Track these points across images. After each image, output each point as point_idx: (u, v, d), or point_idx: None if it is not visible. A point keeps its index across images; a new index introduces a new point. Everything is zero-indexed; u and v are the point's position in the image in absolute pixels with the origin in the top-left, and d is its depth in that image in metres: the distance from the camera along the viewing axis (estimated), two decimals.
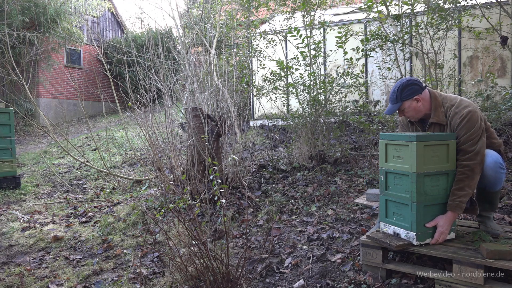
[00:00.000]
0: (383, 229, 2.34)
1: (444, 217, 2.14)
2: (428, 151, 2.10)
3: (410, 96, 2.28)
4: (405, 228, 2.18)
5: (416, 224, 2.11)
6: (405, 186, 2.16)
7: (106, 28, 17.20)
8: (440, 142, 2.14)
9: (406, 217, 2.17)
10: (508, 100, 4.22)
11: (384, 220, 2.33)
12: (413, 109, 2.31)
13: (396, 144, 2.22)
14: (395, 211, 2.25)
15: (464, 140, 2.17)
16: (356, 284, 2.27)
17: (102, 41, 15.52)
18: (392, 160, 2.26)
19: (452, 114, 2.23)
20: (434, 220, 2.15)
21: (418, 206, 2.11)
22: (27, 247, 3.53)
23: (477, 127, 2.15)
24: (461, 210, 2.14)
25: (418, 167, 2.08)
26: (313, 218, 3.33)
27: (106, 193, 5.18)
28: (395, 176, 2.25)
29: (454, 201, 2.13)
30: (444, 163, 2.16)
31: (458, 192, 2.13)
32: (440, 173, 2.15)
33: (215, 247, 2.89)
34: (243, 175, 4.38)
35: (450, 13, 4.28)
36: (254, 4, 5.81)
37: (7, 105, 6.70)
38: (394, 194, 2.25)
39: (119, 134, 9.19)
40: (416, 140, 2.07)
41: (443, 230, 2.13)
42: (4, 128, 5.66)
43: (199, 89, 4.42)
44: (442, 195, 2.17)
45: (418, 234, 2.12)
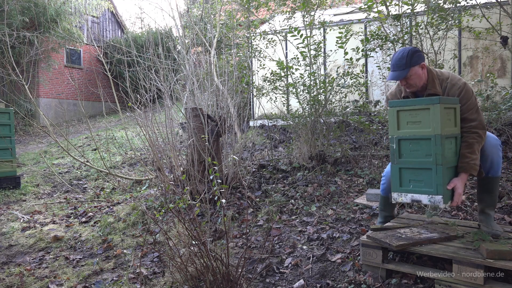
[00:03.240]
0: (397, 199, 2.26)
1: (459, 179, 2.15)
2: (445, 114, 2.11)
3: (418, 62, 2.27)
4: (427, 193, 2.13)
5: (443, 188, 2.09)
6: (426, 150, 2.13)
7: (106, 28, 17.20)
8: (452, 105, 2.18)
9: (428, 182, 2.13)
10: (508, 100, 4.22)
11: (398, 190, 2.25)
12: (418, 76, 2.29)
13: (412, 110, 2.18)
14: (413, 178, 2.20)
15: (465, 109, 2.24)
16: (356, 284, 2.27)
17: (102, 41, 15.52)
18: (406, 127, 2.21)
19: (449, 86, 2.29)
20: (451, 182, 2.14)
21: (441, 169, 2.08)
22: (27, 247, 3.53)
23: (473, 97, 2.25)
24: (476, 171, 2.16)
25: (442, 129, 2.07)
26: (313, 218, 3.33)
27: (106, 193, 5.18)
28: (411, 142, 2.20)
29: (468, 163, 2.15)
30: (453, 126, 2.19)
31: (470, 155, 2.16)
32: (452, 136, 2.18)
33: (215, 247, 2.89)
34: (243, 175, 4.38)
35: (450, 13, 4.28)
36: (254, 4, 5.81)
37: (7, 105, 6.70)
38: (411, 161, 2.20)
39: (119, 134, 9.19)
40: (440, 102, 2.06)
41: (460, 192, 2.13)
42: (4, 128, 5.66)
43: (199, 89, 4.42)
44: (453, 158, 2.19)
45: (444, 197, 2.09)
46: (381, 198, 2.72)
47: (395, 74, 2.29)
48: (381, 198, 2.72)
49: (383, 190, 2.66)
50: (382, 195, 2.69)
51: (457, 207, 3.20)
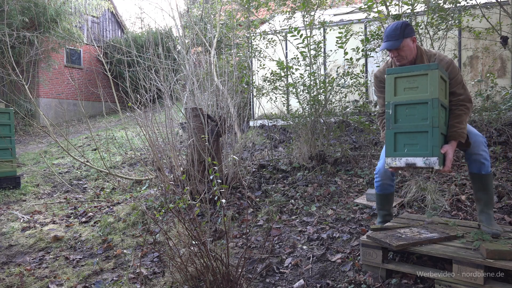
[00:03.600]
0: (391, 164, 2.28)
1: (450, 146, 2.22)
2: (441, 83, 2.20)
3: (410, 34, 2.35)
4: (423, 156, 2.18)
5: (438, 149, 2.15)
6: (422, 114, 2.19)
7: (106, 28, 17.20)
8: (445, 77, 2.26)
9: (424, 144, 2.18)
10: (508, 100, 4.22)
11: (392, 155, 2.28)
12: (410, 48, 2.37)
13: (409, 76, 2.23)
14: (408, 142, 2.24)
15: (453, 83, 2.34)
16: (356, 284, 2.27)
17: (102, 41, 15.52)
18: (403, 93, 2.26)
19: (437, 61, 2.36)
20: (443, 147, 2.21)
21: (437, 131, 2.15)
22: (27, 247, 3.53)
23: (460, 74, 2.35)
24: (464, 139, 2.25)
25: (439, 94, 2.15)
26: (313, 218, 3.33)
27: (106, 193, 5.18)
28: (407, 107, 2.25)
29: (457, 131, 2.25)
30: (445, 98, 2.28)
31: (459, 125, 2.27)
32: (444, 106, 2.26)
33: (215, 247, 2.89)
34: (243, 175, 4.38)
35: (450, 13, 4.28)
36: (254, 4, 5.81)
37: (7, 105, 6.70)
38: (406, 125, 2.24)
39: (119, 134, 9.19)
40: (438, 68, 2.14)
41: (451, 158, 2.20)
42: (4, 128, 5.66)
43: (199, 89, 4.42)
44: (444, 127, 2.27)
45: (439, 159, 2.14)
46: (377, 196, 2.72)
47: (390, 44, 2.35)
48: (377, 196, 2.72)
49: (377, 187, 2.67)
50: (378, 192, 2.69)
51: (457, 207, 3.20)
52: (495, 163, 3.95)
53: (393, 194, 2.70)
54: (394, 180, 2.67)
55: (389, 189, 2.65)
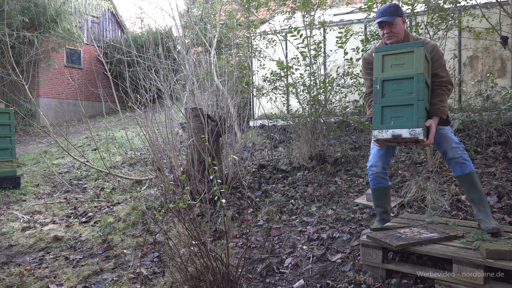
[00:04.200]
0: (378, 136, 2.38)
1: (432, 121, 2.36)
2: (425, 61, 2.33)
3: (402, 15, 2.52)
4: (408, 127, 2.28)
5: (422, 120, 2.25)
6: (408, 89, 2.31)
7: (106, 28, 17.20)
8: (428, 57, 2.40)
9: (410, 117, 2.29)
10: (508, 100, 4.22)
11: (379, 127, 2.39)
12: (400, 27, 2.51)
13: (397, 53, 2.37)
14: (394, 115, 2.36)
15: (437, 65, 2.46)
16: (356, 284, 2.27)
17: (102, 41, 15.52)
18: (390, 69, 2.39)
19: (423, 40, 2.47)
20: (427, 121, 2.34)
21: (421, 104, 2.26)
22: (27, 247, 3.53)
23: (443, 58, 2.48)
24: (445, 115, 2.40)
25: (423, 70, 2.28)
26: (313, 218, 3.33)
27: (106, 193, 5.18)
28: (394, 82, 2.37)
29: (439, 108, 2.40)
30: (428, 77, 2.40)
31: (441, 102, 2.41)
32: (427, 84, 2.39)
33: (215, 247, 2.89)
34: (243, 175, 4.38)
35: (450, 13, 4.28)
36: (254, 4, 5.81)
37: (7, 105, 6.70)
38: (393, 99, 2.36)
39: (119, 134, 9.19)
40: (423, 45, 2.29)
41: (434, 131, 2.33)
42: (4, 128, 5.66)
43: (199, 89, 4.42)
44: (427, 103, 2.40)
45: (424, 129, 2.25)
46: (372, 191, 2.72)
47: (384, 18, 2.48)
48: (372, 191, 2.72)
49: (371, 181, 2.68)
50: (372, 187, 2.70)
51: (457, 207, 3.20)
52: (495, 163, 3.95)
53: (388, 189, 2.70)
54: (387, 174, 2.69)
55: (383, 183, 2.66)
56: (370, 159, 2.68)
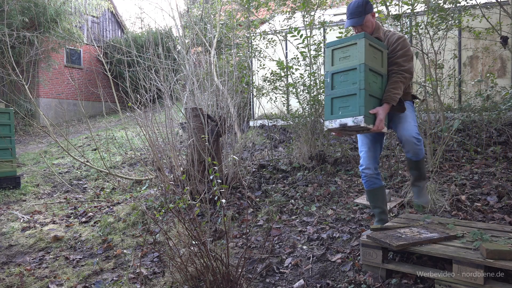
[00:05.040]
0: (328, 126, 2.48)
1: (382, 108, 2.40)
2: (371, 51, 2.39)
3: (370, 10, 2.56)
4: (352, 116, 2.38)
5: (364, 108, 2.33)
6: (353, 79, 2.39)
7: (106, 28, 17.20)
8: (378, 47, 2.45)
9: (354, 106, 2.38)
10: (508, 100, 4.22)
11: (329, 118, 2.49)
12: (371, 23, 2.58)
13: (343, 47, 2.45)
14: (341, 106, 2.45)
15: (400, 55, 2.49)
16: (356, 284, 2.27)
17: (102, 41, 15.51)
18: (338, 62, 2.48)
19: (390, 35, 2.58)
20: (375, 109, 2.39)
21: (365, 93, 2.34)
22: (27, 247, 3.53)
23: (409, 49, 2.52)
24: (395, 102, 2.42)
25: (366, 59, 2.34)
26: (313, 218, 3.33)
27: (106, 193, 5.18)
28: (341, 74, 2.46)
29: (390, 95, 2.42)
30: (380, 66, 2.46)
31: (393, 90, 2.44)
32: (378, 73, 2.44)
33: (215, 247, 2.89)
34: (243, 175, 4.38)
35: (450, 13, 4.28)
36: (254, 4, 5.81)
37: (7, 105, 6.70)
38: (340, 90, 2.45)
39: (119, 134, 9.19)
40: (364, 37, 2.34)
41: (382, 118, 2.37)
42: (4, 128, 5.66)
43: (199, 89, 4.42)
44: (379, 92, 2.45)
45: (365, 117, 2.32)
46: (367, 193, 2.73)
47: (354, 21, 2.56)
48: (367, 193, 2.73)
49: (365, 183, 2.70)
50: (366, 189, 2.71)
51: (457, 207, 3.20)
52: (495, 163, 3.95)
53: (383, 188, 2.71)
54: (379, 174, 2.72)
55: (377, 183, 2.67)
56: (362, 161, 2.71)
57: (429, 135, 4.17)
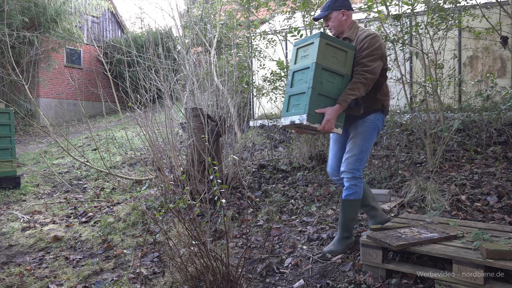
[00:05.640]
0: (282, 123, 2.51)
1: (332, 108, 2.37)
2: (329, 50, 2.38)
3: (339, 8, 2.59)
4: (299, 114, 2.39)
5: (309, 107, 2.33)
6: (306, 78, 2.41)
7: (106, 28, 17.20)
8: (340, 47, 2.42)
9: (302, 104, 2.39)
10: (508, 100, 4.22)
11: (284, 115, 2.51)
12: (338, 20, 2.60)
13: (304, 46, 2.48)
14: (295, 103, 2.47)
15: (365, 54, 2.43)
16: (356, 284, 2.27)
17: (102, 41, 15.52)
18: (300, 61, 2.51)
19: (360, 34, 2.54)
20: (324, 109, 2.36)
21: (312, 92, 2.34)
22: (27, 247, 3.53)
23: (378, 47, 2.43)
24: (346, 104, 2.37)
25: (318, 59, 2.35)
26: (313, 218, 3.33)
27: (106, 193, 5.18)
28: (299, 73, 2.48)
29: (343, 96, 2.39)
30: (342, 66, 2.43)
31: (349, 91, 2.39)
32: (336, 73, 2.42)
33: (215, 247, 2.89)
34: (243, 175, 4.38)
35: (450, 13, 4.28)
36: (254, 4, 5.81)
37: (7, 105, 6.70)
38: (296, 88, 2.47)
39: (119, 134, 9.19)
40: (320, 36, 2.36)
41: (329, 118, 2.35)
42: (4, 128, 5.66)
43: (199, 89, 4.42)
44: (335, 92, 2.42)
45: (308, 115, 2.32)
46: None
47: (320, 14, 2.64)
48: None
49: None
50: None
51: (457, 207, 3.20)
52: (495, 163, 3.95)
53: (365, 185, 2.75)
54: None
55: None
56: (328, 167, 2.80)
57: (429, 135, 4.17)
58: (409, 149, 4.69)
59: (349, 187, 2.55)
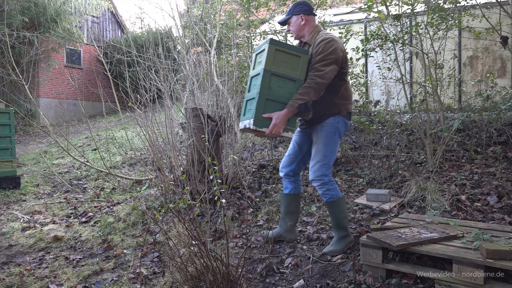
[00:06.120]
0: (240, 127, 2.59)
1: (279, 113, 2.41)
2: (280, 56, 2.43)
3: (298, 13, 2.65)
4: (248, 118, 2.47)
5: (256, 112, 2.41)
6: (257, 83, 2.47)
7: (106, 28, 17.20)
8: (292, 52, 2.46)
9: (252, 109, 2.47)
10: (508, 100, 4.23)
11: (241, 119, 2.60)
12: (297, 25, 2.66)
13: (260, 52, 2.56)
14: (249, 108, 2.54)
15: (318, 59, 2.46)
16: (356, 284, 2.27)
17: (102, 41, 15.52)
18: (256, 66, 2.59)
19: (318, 37, 2.58)
20: (272, 113, 2.42)
21: (260, 97, 2.41)
22: (27, 247, 3.53)
23: (332, 52, 2.45)
24: (293, 109, 2.41)
25: (266, 65, 2.41)
26: (313, 218, 3.33)
27: (106, 193, 5.18)
28: (254, 78, 2.56)
29: (292, 100, 2.42)
30: (294, 71, 2.47)
31: (298, 95, 2.42)
32: (287, 78, 2.46)
33: (215, 247, 2.89)
34: (243, 175, 4.38)
35: (450, 13, 4.28)
36: (254, 4, 5.81)
37: (7, 105, 6.70)
38: (250, 93, 2.54)
39: (119, 134, 9.19)
40: (270, 43, 2.42)
41: (276, 123, 2.39)
42: (4, 128, 5.66)
43: (199, 89, 4.42)
44: (286, 96, 2.46)
45: (255, 120, 2.40)
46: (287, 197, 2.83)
47: (281, 19, 2.72)
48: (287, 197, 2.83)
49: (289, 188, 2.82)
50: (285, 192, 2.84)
51: (457, 207, 3.20)
52: (495, 163, 3.95)
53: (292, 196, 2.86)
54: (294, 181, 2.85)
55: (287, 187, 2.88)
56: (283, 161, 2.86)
57: (429, 135, 4.17)
58: (409, 149, 4.69)
59: (324, 194, 2.61)
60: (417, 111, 4.65)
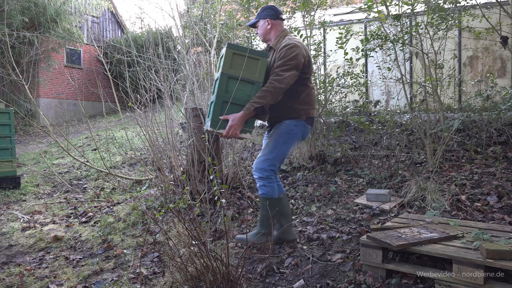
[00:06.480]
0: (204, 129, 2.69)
1: (235, 115, 2.47)
2: (237, 59, 2.50)
3: (265, 17, 2.71)
4: (208, 120, 2.56)
5: (212, 114, 2.50)
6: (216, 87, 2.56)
7: (106, 28, 17.19)
8: (251, 55, 2.52)
9: (211, 110, 2.56)
10: (508, 100, 4.23)
11: (206, 121, 2.68)
12: (263, 29, 2.73)
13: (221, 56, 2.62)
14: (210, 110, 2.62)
15: (279, 64, 2.50)
16: (356, 284, 2.27)
17: (102, 41, 15.51)
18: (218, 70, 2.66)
19: (283, 41, 2.60)
20: (228, 115, 2.48)
21: (217, 99, 2.50)
22: (27, 247, 3.53)
23: (293, 57, 2.48)
24: (249, 111, 2.46)
25: (223, 68, 2.50)
26: (313, 218, 3.33)
27: (106, 193, 5.18)
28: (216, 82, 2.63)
29: (249, 103, 2.47)
30: (253, 74, 2.53)
31: (255, 98, 2.47)
32: (246, 80, 2.52)
33: (215, 247, 2.89)
34: (243, 175, 4.38)
35: (450, 13, 4.28)
36: (254, 4, 5.81)
37: (7, 105, 6.70)
38: (212, 96, 2.63)
39: (119, 134, 9.19)
40: (227, 47, 2.50)
41: (232, 125, 2.46)
42: (4, 128, 5.66)
43: (199, 89, 4.42)
44: (245, 99, 2.52)
45: (212, 122, 2.49)
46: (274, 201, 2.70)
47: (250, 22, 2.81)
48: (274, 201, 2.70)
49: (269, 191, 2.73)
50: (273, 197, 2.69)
51: (457, 207, 3.20)
52: (495, 163, 3.95)
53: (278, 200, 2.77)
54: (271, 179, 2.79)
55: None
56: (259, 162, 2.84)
57: (429, 135, 4.17)
58: (409, 149, 4.69)
59: (259, 187, 2.65)
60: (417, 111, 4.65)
